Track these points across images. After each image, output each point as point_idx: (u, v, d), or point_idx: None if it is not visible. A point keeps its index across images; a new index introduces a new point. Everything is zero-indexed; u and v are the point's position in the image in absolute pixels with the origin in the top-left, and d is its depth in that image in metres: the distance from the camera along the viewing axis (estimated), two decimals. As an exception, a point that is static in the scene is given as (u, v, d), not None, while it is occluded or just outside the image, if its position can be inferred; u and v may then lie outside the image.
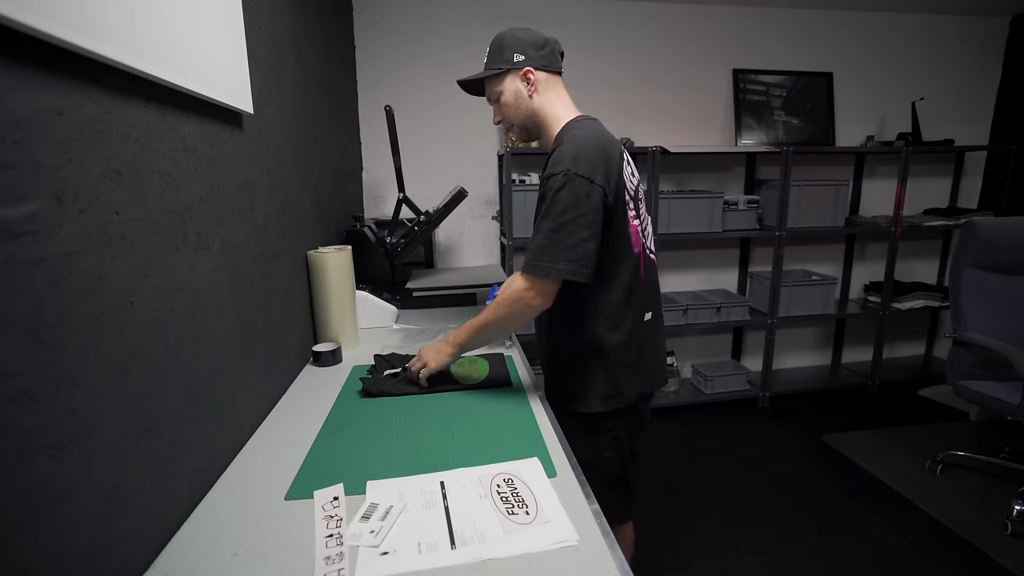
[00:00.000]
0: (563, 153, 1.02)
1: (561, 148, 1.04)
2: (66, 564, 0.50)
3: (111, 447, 0.58)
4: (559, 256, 0.99)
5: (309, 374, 1.25)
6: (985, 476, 2.15)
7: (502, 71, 1.14)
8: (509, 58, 1.13)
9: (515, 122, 1.18)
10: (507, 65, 1.13)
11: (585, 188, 0.98)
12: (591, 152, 1.01)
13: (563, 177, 0.99)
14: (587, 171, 0.99)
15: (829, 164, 2.94)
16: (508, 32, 1.15)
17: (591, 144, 1.03)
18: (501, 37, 1.16)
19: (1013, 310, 2.09)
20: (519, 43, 1.13)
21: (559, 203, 0.99)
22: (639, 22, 2.60)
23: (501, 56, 1.14)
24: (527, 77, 1.13)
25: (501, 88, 1.15)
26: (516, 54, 1.13)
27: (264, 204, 1.08)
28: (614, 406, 1.11)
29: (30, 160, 0.48)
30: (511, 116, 1.17)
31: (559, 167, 1.00)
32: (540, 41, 1.15)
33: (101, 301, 0.57)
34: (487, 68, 1.17)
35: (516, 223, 2.39)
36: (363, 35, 2.39)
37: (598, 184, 0.99)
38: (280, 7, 1.25)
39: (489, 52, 1.17)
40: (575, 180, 0.98)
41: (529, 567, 0.63)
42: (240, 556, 0.65)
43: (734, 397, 2.83)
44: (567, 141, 1.04)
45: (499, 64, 1.14)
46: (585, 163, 1.00)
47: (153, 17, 0.66)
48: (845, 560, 1.73)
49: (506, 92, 1.15)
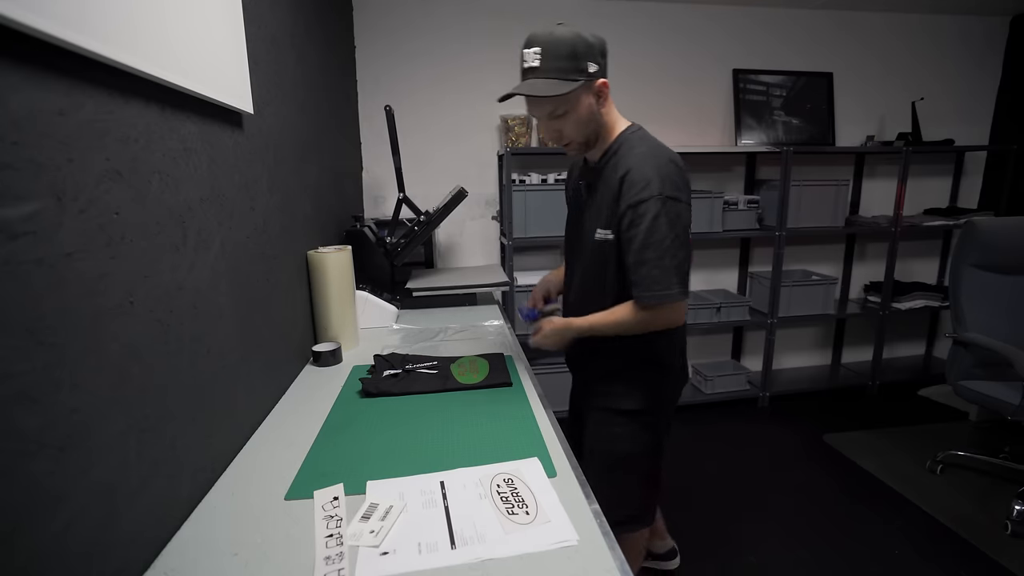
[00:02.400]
0: (646, 175, 0.99)
1: (639, 170, 1.01)
2: (66, 564, 0.50)
3: (111, 447, 0.58)
4: (672, 281, 1.01)
5: (309, 374, 1.25)
6: (985, 476, 2.15)
7: (579, 84, 0.98)
8: (584, 68, 0.98)
9: (580, 139, 1.06)
10: (583, 77, 0.98)
11: (676, 209, 1.00)
12: (672, 171, 1.01)
13: (658, 202, 0.98)
14: (674, 191, 1.00)
15: (829, 164, 2.94)
16: (575, 35, 0.97)
17: (668, 161, 1.02)
18: (570, 41, 0.97)
19: (1013, 310, 2.09)
20: (591, 50, 0.98)
21: (659, 231, 0.99)
22: (639, 22, 2.60)
23: (575, 64, 0.97)
24: (601, 90, 1.02)
25: (572, 104, 1.00)
26: (590, 63, 0.98)
27: (264, 204, 1.08)
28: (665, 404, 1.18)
29: (30, 160, 0.48)
30: (577, 133, 1.05)
31: (648, 192, 0.99)
32: (605, 46, 1.02)
33: (101, 301, 0.57)
34: (557, 78, 0.97)
35: (516, 223, 2.39)
36: (363, 35, 2.39)
37: (685, 201, 1.02)
38: (280, 7, 1.25)
39: (549, 57, 0.97)
40: (667, 203, 0.99)
41: (529, 567, 0.63)
42: (240, 556, 0.65)
43: (734, 397, 2.83)
44: (640, 162, 1.01)
45: (574, 75, 0.98)
46: (670, 183, 1.00)
47: (153, 17, 0.66)
48: (845, 560, 1.73)
49: (581, 108, 1.01)
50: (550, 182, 2.43)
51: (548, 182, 2.43)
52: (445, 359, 1.28)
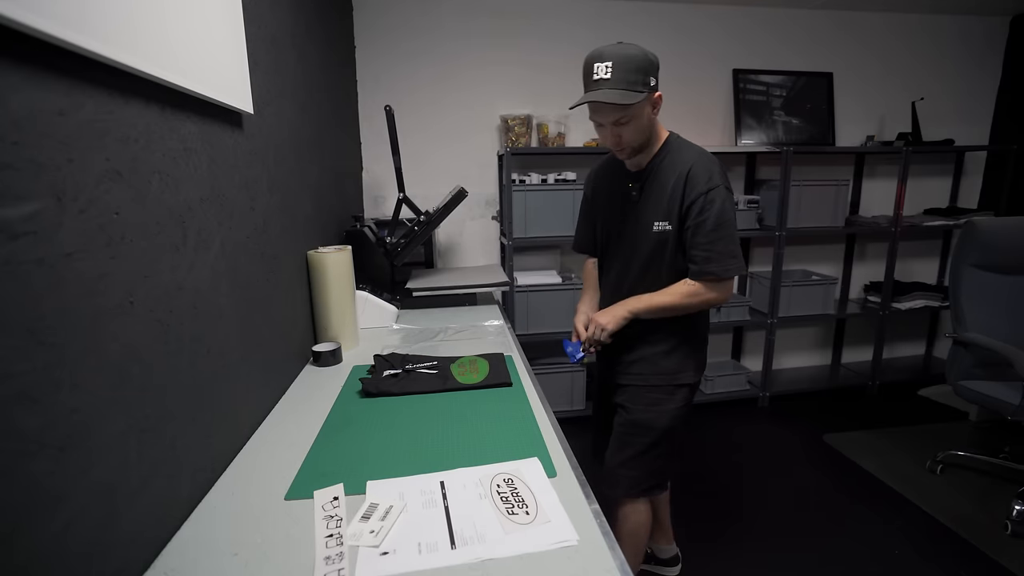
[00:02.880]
0: (707, 169, 1.17)
1: (700, 165, 1.18)
2: (66, 564, 0.50)
3: (111, 447, 0.58)
4: (740, 255, 1.20)
5: (309, 374, 1.25)
6: (985, 476, 2.15)
7: (645, 96, 1.12)
8: (648, 82, 1.12)
9: (636, 144, 1.20)
10: (648, 90, 1.12)
11: (730, 199, 1.19)
12: (720, 167, 1.20)
13: (724, 191, 1.17)
14: (727, 183, 1.19)
15: (829, 164, 2.94)
16: (644, 52, 1.12)
17: (716, 160, 1.21)
18: (641, 56, 1.11)
19: (1013, 310, 2.09)
20: (653, 66, 1.13)
21: (725, 214, 1.17)
22: (639, 22, 2.60)
23: (644, 78, 1.11)
24: (657, 102, 1.18)
25: (638, 112, 1.14)
26: (652, 77, 1.13)
27: (264, 204, 1.08)
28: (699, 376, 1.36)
29: (30, 160, 0.48)
30: (636, 139, 1.19)
31: (714, 182, 1.16)
32: (658, 62, 1.16)
33: (101, 301, 0.57)
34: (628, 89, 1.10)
35: (516, 223, 2.39)
36: (363, 34, 2.39)
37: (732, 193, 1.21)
38: (280, 7, 1.25)
39: (621, 69, 1.09)
40: (725, 193, 1.17)
41: (529, 567, 0.63)
42: (240, 556, 0.65)
43: (734, 397, 2.83)
44: (699, 160, 1.19)
45: (641, 88, 1.11)
46: (723, 176, 1.19)
47: (153, 17, 0.66)
48: (845, 560, 1.73)
49: (643, 117, 1.16)
50: (550, 182, 2.43)
51: (548, 182, 2.43)
52: (445, 359, 1.28)
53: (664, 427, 1.32)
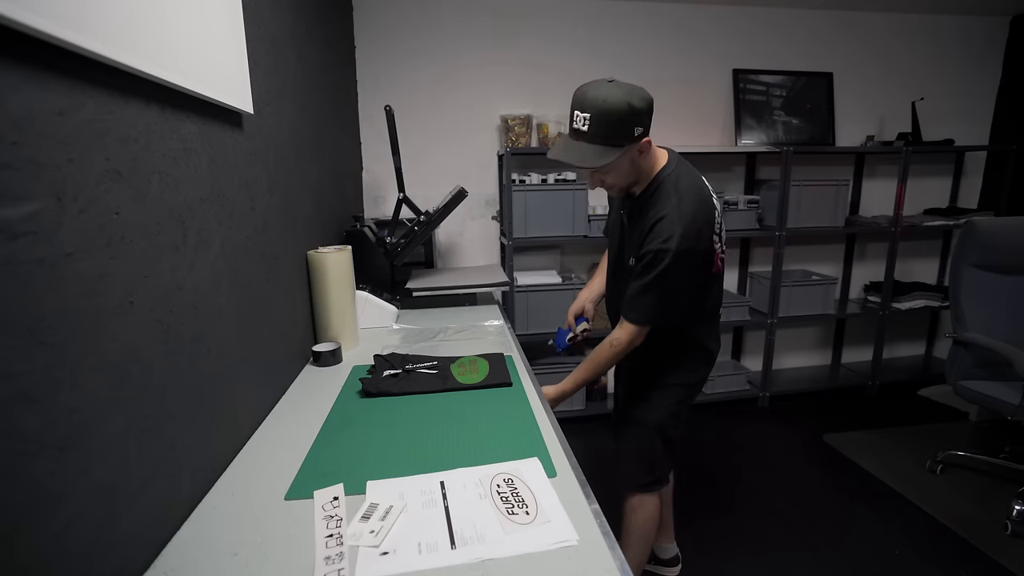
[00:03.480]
0: (671, 229, 1.10)
1: (667, 222, 1.11)
2: (66, 564, 0.50)
3: (111, 447, 0.58)
4: (663, 316, 1.19)
5: (309, 374, 1.25)
6: (985, 476, 2.15)
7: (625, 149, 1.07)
8: (629, 133, 1.07)
9: (622, 185, 1.19)
10: (629, 143, 1.08)
11: (690, 259, 1.12)
12: (698, 222, 1.12)
13: (673, 256, 1.10)
14: (692, 244, 1.11)
15: (829, 164, 2.94)
16: (625, 103, 1.04)
17: (694, 214, 1.12)
18: (620, 109, 1.04)
19: (1013, 310, 2.09)
20: (639, 116, 1.07)
21: (668, 279, 1.13)
22: (639, 22, 2.60)
23: (622, 133, 1.06)
24: (643, 148, 1.12)
25: (617, 165, 1.11)
26: (636, 128, 1.07)
27: (264, 204, 1.08)
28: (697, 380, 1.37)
29: (30, 160, 0.48)
30: (619, 181, 1.17)
31: (668, 245, 1.10)
32: (651, 105, 1.09)
33: (101, 301, 0.57)
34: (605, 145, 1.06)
35: (516, 223, 2.39)
36: (363, 34, 2.39)
37: (701, 250, 1.15)
38: (280, 7, 1.25)
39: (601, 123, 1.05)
40: (681, 256, 1.10)
41: (529, 567, 0.63)
42: (240, 556, 0.65)
43: (734, 397, 2.83)
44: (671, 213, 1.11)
45: (619, 142, 1.07)
46: (691, 238, 1.11)
47: (153, 17, 0.66)
48: (845, 560, 1.73)
49: (622, 165, 1.13)
50: (550, 182, 2.43)
51: (548, 182, 2.43)
52: (445, 359, 1.28)
53: (654, 423, 1.35)
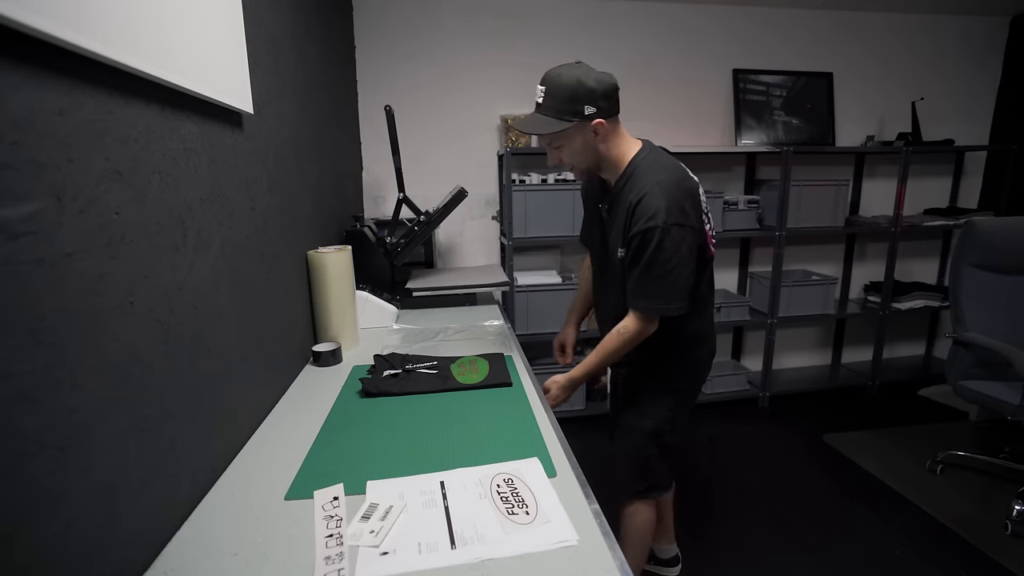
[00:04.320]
0: (654, 205, 1.08)
1: (648, 200, 1.09)
2: (66, 564, 0.50)
3: (111, 447, 0.58)
4: (672, 297, 1.13)
5: (309, 374, 1.25)
6: (985, 476, 2.15)
7: (571, 124, 1.09)
8: (580, 110, 1.09)
9: (579, 166, 1.20)
10: (576, 119, 1.09)
11: (681, 234, 1.09)
12: (679, 197, 1.10)
13: (661, 232, 1.08)
14: (681, 218, 1.09)
15: (829, 164, 2.94)
16: (578, 79, 1.08)
17: (675, 187, 1.11)
18: (571, 85, 1.08)
19: (1013, 310, 2.09)
20: (590, 94, 1.08)
21: (663, 254, 1.09)
22: (639, 22, 2.60)
23: (571, 107, 1.08)
24: (595, 129, 1.11)
25: (566, 139, 1.13)
26: (587, 106, 1.09)
27: (264, 204, 1.08)
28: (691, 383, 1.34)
29: (30, 160, 0.48)
30: (575, 161, 1.18)
31: (654, 221, 1.07)
32: (611, 90, 1.11)
33: (101, 301, 0.57)
34: (554, 116, 1.10)
35: (516, 223, 2.39)
36: (363, 34, 2.39)
37: (690, 225, 1.11)
38: (280, 7, 1.25)
39: (551, 95, 1.09)
40: (671, 230, 1.08)
41: (529, 567, 0.63)
42: (240, 556, 0.65)
43: (734, 397, 2.83)
44: (651, 191, 1.09)
45: (568, 116, 1.09)
46: (677, 211, 1.08)
47: (153, 17, 0.66)
48: (845, 560, 1.73)
49: (573, 143, 1.14)
50: (550, 182, 2.43)
51: (548, 182, 2.43)
52: (445, 359, 1.28)
53: (648, 429, 1.32)
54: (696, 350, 1.33)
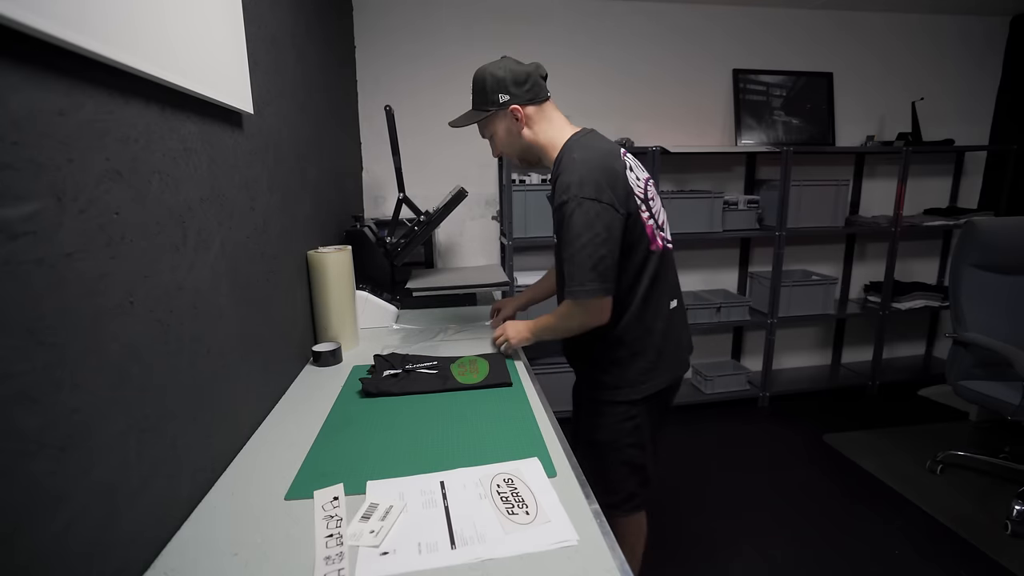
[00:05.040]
0: (567, 180, 1.06)
1: (563, 176, 1.08)
2: (66, 564, 0.50)
3: (111, 447, 0.58)
4: (586, 278, 1.05)
5: (309, 374, 1.25)
6: (985, 476, 2.15)
7: (489, 114, 1.17)
8: (494, 99, 1.15)
9: (512, 154, 1.23)
10: (493, 108, 1.16)
11: (595, 208, 1.03)
12: (594, 173, 1.06)
13: (573, 203, 1.04)
14: (593, 192, 1.04)
15: (829, 164, 2.94)
16: (487, 70, 1.16)
17: (591, 163, 1.07)
18: (481, 77, 1.16)
19: (1013, 310, 2.09)
20: (499, 83, 1.14)
21: (573, 229, 1.04)
22: (639, 22, 2.60)
23: (485, 99, 1.16)
24: (515, 115, 1.16)
25: (492, 128, 1.20)
26: (500, 94, 1.15)
27: (264, 204, 1.08)
28: (643, 394, 1.19)
29: (30, 160, 0.48)
30: (507, 150, 1.23)
31: (566, 195, 1.05)
32: (521, 76, 1.14)
33: (101, 301, 0.57)
34: (474, 111, 1.20)
35: (516, 223, 2.39)
36: (363, 35, 2.39)
37: (606, 202, 1.04)
38: (280, 7, 1.25)
39: (473, 93, 1.19)
40: (583, 204, 1.03)
41: (529, 567, 0.63)
42: (240, 556, 0.65)
43: (734, 397, 2.83)
44: (567, 167, 1.08)
45: (485, 107, 1.17)
46: (590, 185, 1.04)
47: (153, 17, 0.66)
48: (845, 560, 1.73)
49: (498, 131, 1.20)
50: (550, 182, 2.42)
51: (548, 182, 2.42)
52: (445, 359, 1.28)
53: (604, 441, 1.23)
54: (642, 357, 1.18)
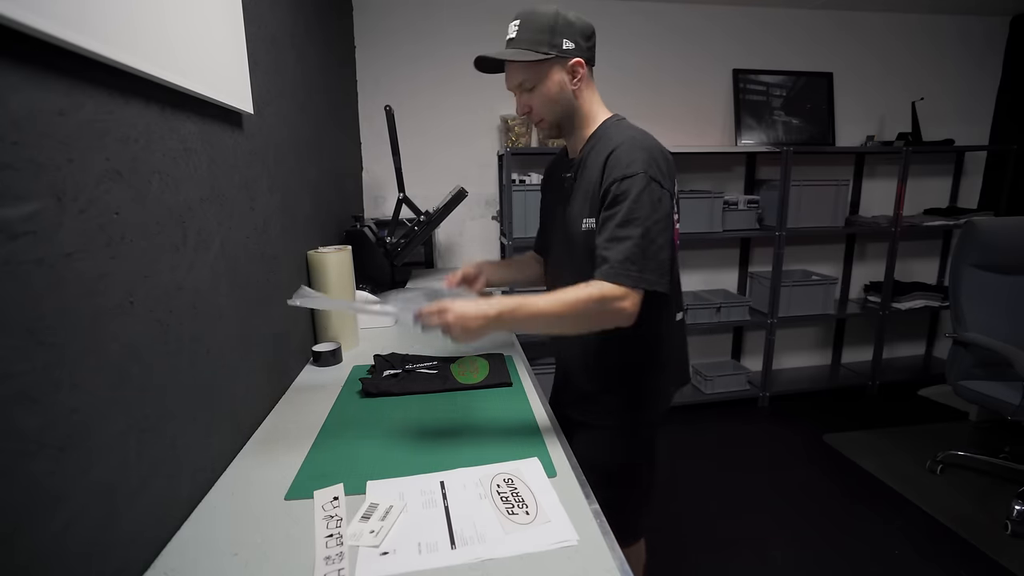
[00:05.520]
0: (631, 155, 0.94)
1: (623, 149, 0.95)
2: (66, 564, 0.50)
3: (111, 447, 0.58)
4: (647, 265, 0.91)
5: (309, 374, 1.25)
6: (985, 476, 2.15)
7: (549, 57, 0.97)
8: (559, 43, 0.97)
9: (549, 117, 1.04)
10: (556, 52, 0.97)
11: (659, 193, 0.93)
12: (659, 156, 0.96)
13: (644, 179, 0.91)
14: (660, 175, 0.94)
15: (829, 164, 2.94)
16: (557, 12, 0.98)
17: (654, 146, 0.97)
18: (550, 15, 0.97)
19: (1013, 310, 2.09)
20: (570, 28, 0.97)
21: (642, 208, 0.91)
22: (639, 22, 2.60)
23: (549, 39, 0.96)
24: (575, 69, 0.99)
25: (542, 77, 0.99)
26: (567, 40, 0.97)
27: (264, 204, 1.08)
28: (661, 409, 1.11)
29: (30, 160, 0.48)
30: (547, 110, 1.03)
31: (634, 168, 0.92)
32: (589, 29, 1.00)
33: (101, 301, 0.57)
34: (529, 48, 0.97)
35: (516, 223, 2.39)
36: (363, 36, 2.39)
37: (667, 190, 0.95)
38: (280, 7, 1.25)
39: (527, 28, 0.98)
40: (651, 184, 0.92)
41: (529, 567, 0.63)
42: (240, 556, 0.65)
43: (734, 397, 2.83)
44: (627, 143, 0.96)
45: (545, 49, 0.96)
46: (656, 167, 0.94)
47: (153, 17, 0.66)
48: (845, 560, 1.73)
49: (550, 83, 0.99)
50: (550, 182, 2.42)
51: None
52: (445, 359, 1.28)
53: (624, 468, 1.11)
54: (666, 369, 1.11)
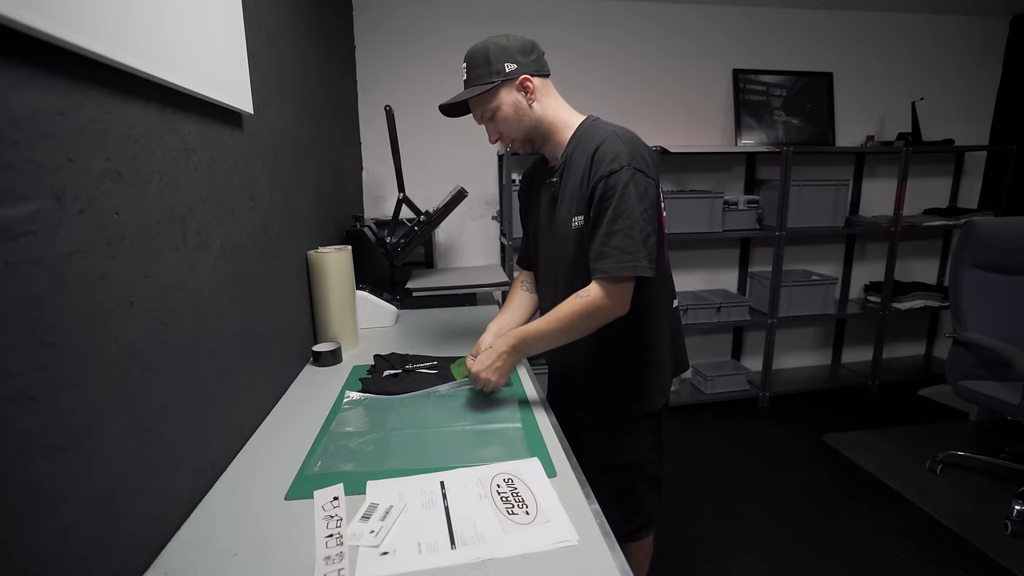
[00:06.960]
0: (614, 149, 0.98)
1: (607, 145, 0.99)
2: (66, 564, 0.50)
3: (111, 447, 0.57)
4: (640, 253, 0.96)
5: (309, 374, 1.25)
6: (985, 476, 2.15)
7: (494, 85, 1.03)
8: (500, 69, 1.03)
9: (517, 136, 1.10)
10: (499, 77, 1.03)
11: (644, 183, 0.97)
12: (639, 148, 1.00)
13: (629, 172, 0.96)
14: (643, 166, 0.98)
15: (829, 164, 2.94)
16: (488, 42, 1.04)
17: (633, 139, 1.01)
18: (483, 49, 1.04)
19: (1013, 310, 2.09)
20: (505, 52, 1.03)
21: (629, 199, 0.96)
22: (639, 22, 2.60)
23: (489, 69, 1.04)
24: (524, 86, 1.05)
25: (497, 103, 1.05)
26: (506, 63, 1.03)
27: (264, 204, 1.08)
28: (663, 398, 1.14)
29: (30, 160, 0.48)
30: (512, 131, 1.09)
31: (620, 162, 0.96)
32: (527, 46, 1.06)
33: (101, 301, 0.57)
34: (475, 84, 1.05)
35: (516, 223, 2.38)
36: (363, 36, 2.39)
37: (652, 178, 1.00)
38: (280, 7, 1.25)
39: (470, 67, 1.06)
40: (636, 175, 0.96)
41: (529, 567, 0.63)
42: (240, 556, 0.65)
43: (734, 397, 2.83)
44: (610, 139, 0.99)
45: (489, 78, 1.03)
46: (639, 158, 0.98)
47: (153, 17, 0.66)
48: (845, 560, 1.73)
49: (504, 106, 1.05)
50: (550, 182, 2.42)
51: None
52: (445, 359, 1.28)
53: (630, 463, 1.14)
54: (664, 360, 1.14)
